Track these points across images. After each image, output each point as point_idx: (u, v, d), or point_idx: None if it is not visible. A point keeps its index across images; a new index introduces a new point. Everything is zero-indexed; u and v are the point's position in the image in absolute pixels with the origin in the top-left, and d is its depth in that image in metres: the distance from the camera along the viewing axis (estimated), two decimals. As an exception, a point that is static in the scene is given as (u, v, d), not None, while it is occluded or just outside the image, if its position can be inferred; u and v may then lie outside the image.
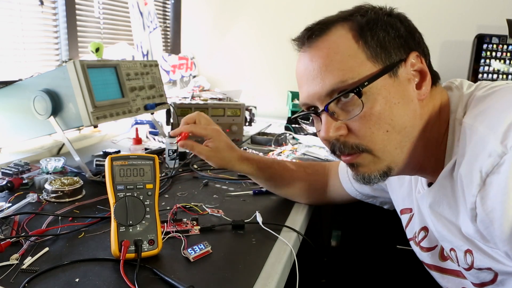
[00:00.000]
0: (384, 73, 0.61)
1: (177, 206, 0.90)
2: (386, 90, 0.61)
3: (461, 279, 0.70)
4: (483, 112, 0.58)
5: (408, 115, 0.62)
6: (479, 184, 0.53)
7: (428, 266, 0.78)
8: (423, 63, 0.64)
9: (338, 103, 0.63)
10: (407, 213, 0.83)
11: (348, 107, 0.63)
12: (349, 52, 0.62)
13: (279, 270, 0.70)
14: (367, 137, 0.62)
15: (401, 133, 0.62)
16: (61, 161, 1.13)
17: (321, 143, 1.57)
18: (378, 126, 0.61)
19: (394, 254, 1.43)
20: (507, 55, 1.89)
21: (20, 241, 0.73)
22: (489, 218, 0.53)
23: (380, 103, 0.61)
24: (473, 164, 0.54)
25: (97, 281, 0.63)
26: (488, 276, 0.62)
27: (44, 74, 1.10)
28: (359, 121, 0.62)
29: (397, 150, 0.63)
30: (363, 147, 0.63)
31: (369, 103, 0.61)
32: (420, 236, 0.78)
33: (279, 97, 2.33)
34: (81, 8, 1.71)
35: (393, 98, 0.61)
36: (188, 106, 1.53)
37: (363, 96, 0.60)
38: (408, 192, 0.81)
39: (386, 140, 0.62)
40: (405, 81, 0.63)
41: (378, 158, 0.63)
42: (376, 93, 0.61)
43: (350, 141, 0.64)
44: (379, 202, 0.99)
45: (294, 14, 2.23)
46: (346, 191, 0.98)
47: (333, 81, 0.62)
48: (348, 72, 0.61)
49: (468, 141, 0.57)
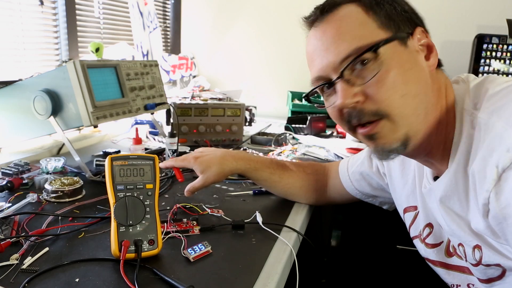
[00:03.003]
0: (395, 39, 0.63)
1: (177, 206, 0.90)
2: (399, 56, 0.63)
3: (467, 275, 0.70)
4: (500, 108, 0.58)
5: (421, 82, 0.64)
6: (494, 179, 0.53)
7: (433, 262, 0.78)
8: (428, 38, 0.66)
9: (353, 71, 0.64)
10: (411, 211, 0.82)
11: (363, 73, 0.63)
12: (361, 21, 0.64)
13: (279, 270, 0.70)
14: (385, 101, 0.62)
15: (416, 99, 0.63)
16: (61, 161, 1.13)
17: (321, 143, 1.58)
18: (394, 90, 0.62)
19: (394, 254, 1.43)
20: (507, 55, 1.89)
21: (20, 241, 0.73)
22: (502, 214, 0.53)
23: (394, 67, 0.62)
24: (487, 159, 0.54)
25: (97, 281, 0.63)
26: (496, 272, 0.62)
27: (44, 74, 1.10)
28: (376, 85, 0.62)
29: (413, 116, 0.63)
30: (381, 112, 0.62)
31: (384, 67, 0.62)
32: (425, 233, 0.77)
33: (279, 97, 2.33)
34: (81, 8, 1.71)
35: (405, 63, 0.63)
36: (188, 106, 1.53)
37: (377, 62, 0.61)
38: (412, 190, 0.80)
39: (403, 105, 0.62)
40: (414, 52, 0.65)
41: (396, 125, 0.63)
42: (389, 58, 0.62)
43: (368, 107, 0.63)
44: (379, 202, 0.99)
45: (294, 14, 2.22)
46: (347, 190, 0.98)
47: (348, 48, 0.63)
48: (361, 39, 0.62)
49: (483, 137, 0.57)
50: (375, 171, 0.93)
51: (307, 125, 1.78)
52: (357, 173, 0.96)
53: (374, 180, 0.94)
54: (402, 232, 0.86)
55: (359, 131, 0.66)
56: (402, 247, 1.38)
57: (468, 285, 0.71)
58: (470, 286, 0.71)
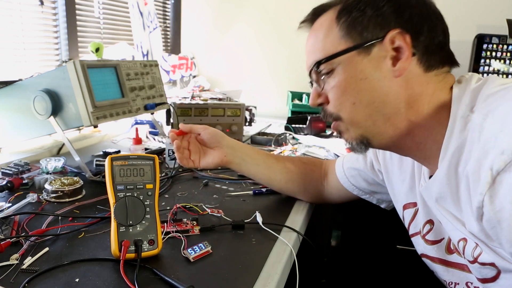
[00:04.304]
0: (351, 50, 0.66)
1: (177, 206, 0.90)
2: (353, 66, 0.66)
3: (466, 273, 0.70)
4: (495, 109, 0.57)
5: (377, 91, 0.66)
6: (488, 182, 0.52)
7: (432, 259, 0.77)
8: (406, 40, 0.64)
9: (318, 77, 0.71)
10: (411, 208, 0.82)
11: (323, 79, 0.70)
12: (329, 32, 0.69)
13: (279, 270, 0.70)
14: (337, 107, 0.69)
15: (369, 107, 0.67)
16: (61, 161, 1.13)
17: (321, 143, 1.58)
18: (345, 98, 0.68)
19: (394, 254, 1.43)
20: (507, 55, 1.89)
21: (20, 241, 0.73)
22: (496, 218, 0.52)
23: (345, 77, 0.67)
24: (482, 161, 0.54)
25: (97, 281, 0.63)
26: (490, 273, 0.61)
27: (44, 74, 1.10)
28: (330, 91, 0.70)
29: (367, 122, 0.68)
30: (335, 116, 0.71)
31: (337, 77, 0.68)
32: (425, 229, 0.77)
33: (279, 97, 2.33)
34: (81, 8, 1.71)
35: (359, 74, 0.66)
36: (188, 106, 1.53)
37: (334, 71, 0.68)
38: (411, 187, 0.80)
39: (354, 111, 0.68)
40: (380, 58, 0.65)
41: (349, 126, 0.70)
42: (343, 68, 0.67)
43: (328, 109, 0.72)
44: (376, 199, 0.98)
45: (294, 14, 2.22)
46: (343, 186, 0.98)
47: (313, 59, 0.71)
48: (324, 50, 0.69)
49: (478, 138, 0.56)
50: (369, 168, 0.93)
51: (307, 125, 1.78)
52: (352, 169, 0.97)
53: (369, 177, 0.94)
54: (402, 232, 0.86)
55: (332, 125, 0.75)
56: (402, 247, 1.38)
57: (467, 283, 0.71)
58: (469, 284, 0.71)
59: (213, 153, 0.99)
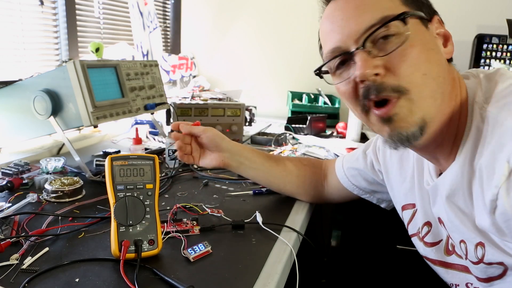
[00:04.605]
0: (420, 17, 0.62)
1: (177, 206, 0.90)
2: (422, 34, 0.62)
3: (466, 274, 0.70)
4: (510, 102, 0.57)
5: (441, 65, 0.63)
6: (504, 174, 0.52)
7: (432, 261, 0.77)
8: (444, 28, 0.66)
9: (375, 44, 0.61)
10: (409, 208, 0.82)
11: (386, 45, 0.61)
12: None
13: (279, 270, 0.70)
14: (407, 77, 0.60)
15: (435, 81, 0.61)
16: (61, 161, 1.13)
17: (321, 143, 1.58)
18: (417, 67, 0.60)
19: (394, 254, 1.43)
20: (507, 55, 1.89)
21: (20, 241, 0.73)
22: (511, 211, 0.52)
23: (418, 44, 0.61)
24: (497, 154, 0.53)
25: (97, 281, 0.63)
26: (497, 271, 0.61)
27: (44, 74, 1.10)
28: (399, 58, 0.60)
29: (431, 99, 0.61)
30: (402, 88, 0.60)
31: (409, 41, 0.60)
32: (423, 232, 0.77)
33: (279, 97, 2.33)
34: (81, 8, 1.71)
35: (428, 43, 0.62)
36: (188, 106, 1.53)
37: (403, 34, 0.60)
38: (410, 187, 0.80)
39: (423, 84, 0.60)
40: (434, 36, 0.65)
41: (414, 105, 0.60)
42: (415, 33, 0.61)
43: (389, 81, 0.60)
44: (376, 199, 0.98)
45: (294, 14, 2.23)
46: (343, 185, 0.98)
47: (372, 17, 0.61)
48: (386, 10, 0.61)
49: (492, 131, 0.56)
50: (369, 168, 0.93)
51: (307, 125, 1.78)
52: (352, 168, 0.97)
53: (370, 176, 0.94)
54: (402, 232, 0.86)
55: (375, 112, 0.63)
56: (402, 247, 1.39)
57: (467, 284, 0.71)
58: (469, 285, 0.71)
59: (212, 155, 0.98)
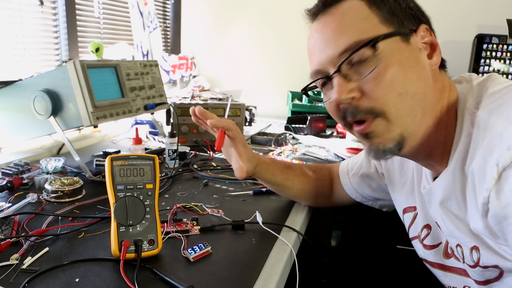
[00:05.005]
0: (397, 35, 0.62)
1: (177, 206, 0.90)
2: (399, 52, 0.61)
3: (464, 277, 0.70)
4: (500, 106, 0.57)
5: (421, 82, 0.62)
6: (494, 178, 0.52)
7: (431, 264, 0.78)
8: (432, 35, 0.65)
9: (351, 66, 0.62)
10: (410, 211, 0.82)
11: (361, 68, 0.62)
12: (363, 15, 0.63)
13: (279, 270, 0.70)
14: (381, 99, 0.61)
15: (413, 99, 0.61)
16: (61, 161, 1.13)
17: (321, 143, 1.58)
18: (391, 88, 0.61)
19: (394, 254, 1.43)
20: (507, 55, 1.89)
21: (20, 241, 0.73)
22: (503, 213, 0.52)
23: (393, 64, 0.61)
24: (487, 158, 0.54)
25: (97, 281, 0.63)
26: (493, 274, 0.61)
27: (44, 74, 1.10)
28: (373, 81, 0.61)
29: (409, 116, 0.62)
30: (376, 110, 0.61)
31: (383, 63, 0.60)
32: (423, 234, 0.77)
33: (279, 97, 2.33)
34: (81, 8, 1.71)
35: (406, 61, 0.62)
36: (188, 106, 1.52)
37: (377, 56, 0.60)
38: (411, 190, 0.80)
39: (399, 103, 0.61)
40: (416, 49, 0.64)
41: (391, 124, 0.62)
42: (389, 54, 0.61)
43: (363, 104, 0.62)
44: (379, 205, 0.98)
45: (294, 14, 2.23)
46: (348, 193, 0.98)
47: (347, 41, 0.62)
48: (362, 33, 0.61)
49: (483, 136, 0.56)
50: (373, 171, 0.93)
51: (307, 125, 1.78)
52: (356, 175, 0.96)
53: (374, 181, 0.94)
54: (402, 232, 0.86)
55: (355, 129, 0.66)
56: (402, 247, 1.38)
57: (464, 287, 0.71)
58: None
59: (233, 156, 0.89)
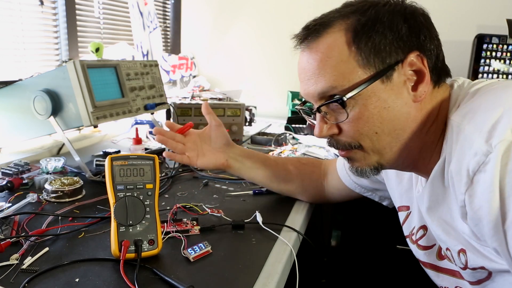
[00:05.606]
0: (375, 79, 0.62)
1: (177, 206, 0.90)
2: (376, 96, 0.63)
3: (457, 278, 0.70)
4: (470, 110, 0.59)
5: (399, 119, 0.64)
6: (466, 182, 0.54)
7: (424, 264, 0.78)
8: (424, 63, 0.63)
9: (329, 106, 0.66)
10: (404, 210, 0.83)
11: (337, 110, 0.65)
12: (342, 57, 0.63)
13: (279, 270, 0.70)
14: (356, 138, 0.66)
15: (390, 135, 0.64)
16: (61, 161, 1.13)
17: (321, 143, 1.58)
18: (367, 128, 0.64)
19: (394, 254, 1.43)
20: (507, 55, 1.89)
21: (20, 241, 0.73)
22: (477, 216, 0.54)
23: (368, 108, 0.63)
24: (461, 162, 0.55)
25: (97, 281, 0.63)
26: (483, 275, 0.63)
27: (44, 74, 1.10)
28: (348, 124, 0.65)
29: (386, 149, 0.66)
30: (354, 145, 0.67)
31: (358, 108, 0.63)
32: (418, 234, 0.78)
33: (279, 97, 2.33)
34: (81, 8, 1.71)
35: (383, 103, 0.63)
36: (188, 106, 1.53)
37: (352, 102, 0.63)
38: (406, 190, 0.81)
39: (375, 140, 0.65)
40: (399, 84, 0.63)
41: (368, 154, 0.67)
42: (365, 99, 0.63)
43: (342, 139, 0.68)
44: (378, 197, 0.98)
45: (294, 14, 2.23)
46: (345, 184, 0.98)
47: (324, 85, 0.64)
48: (338, 78, 0.63)
49: (456, 139, 0.57)
50: None
51: (307, 125, 1.78)
52: None
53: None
54: (402, 232, 0.86)
55: (338, 153, 0.72)
56: (402, 247, 1.38)
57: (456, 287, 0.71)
58: None
59: (215, 154, 0.97)
